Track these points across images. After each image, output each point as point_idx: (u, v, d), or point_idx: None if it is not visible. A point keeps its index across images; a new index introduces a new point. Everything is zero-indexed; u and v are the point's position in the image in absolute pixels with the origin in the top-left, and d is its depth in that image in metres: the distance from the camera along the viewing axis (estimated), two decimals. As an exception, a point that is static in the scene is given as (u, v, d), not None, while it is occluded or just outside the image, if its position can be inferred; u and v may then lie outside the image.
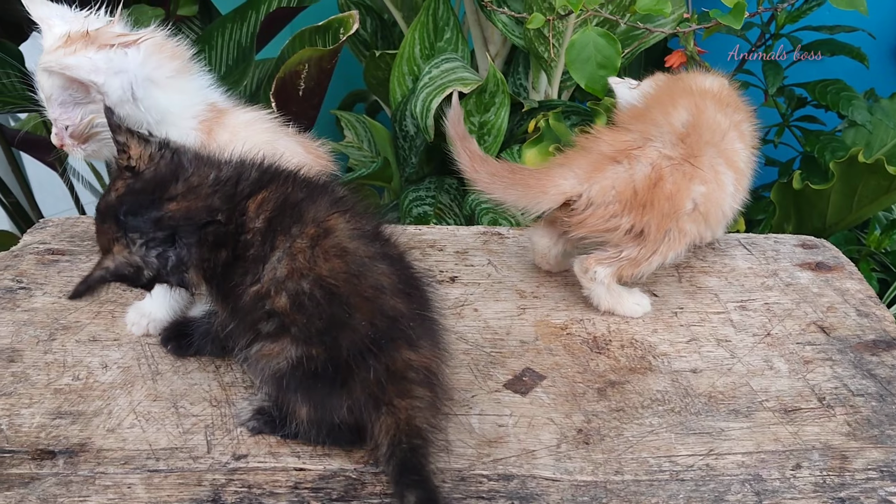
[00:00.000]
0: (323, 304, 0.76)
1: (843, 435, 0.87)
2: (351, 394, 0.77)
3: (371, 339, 0.76)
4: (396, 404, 0.77)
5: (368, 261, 0.79)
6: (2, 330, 0.99)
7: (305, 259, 0.77)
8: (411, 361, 0.78)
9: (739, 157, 1.07)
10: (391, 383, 0.77)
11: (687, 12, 1.60)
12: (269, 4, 1.74)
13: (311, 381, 0.78)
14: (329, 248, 0.77)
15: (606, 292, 1.04)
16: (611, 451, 0.84)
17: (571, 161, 1.03)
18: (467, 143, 1.04)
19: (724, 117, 1.06)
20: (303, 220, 0.79)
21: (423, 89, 1.61)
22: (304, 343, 0.77)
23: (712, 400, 0.92)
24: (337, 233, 0.79)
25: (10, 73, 1.59)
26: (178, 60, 0.97)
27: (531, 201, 1.01)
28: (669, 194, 0.99)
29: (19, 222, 2.01)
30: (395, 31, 2.01)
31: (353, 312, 0.76)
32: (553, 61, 1.66)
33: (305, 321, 0.76)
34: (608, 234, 1.01)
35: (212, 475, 0.80)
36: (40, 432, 0.85)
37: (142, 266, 0.79)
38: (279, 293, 0.77)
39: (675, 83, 1.10)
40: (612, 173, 1.00)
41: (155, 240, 0.79)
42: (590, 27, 1.29)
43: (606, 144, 1.02)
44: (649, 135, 1.02)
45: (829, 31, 1.73)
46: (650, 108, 1.06)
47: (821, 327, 1.05)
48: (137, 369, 0.94)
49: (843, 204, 1.56)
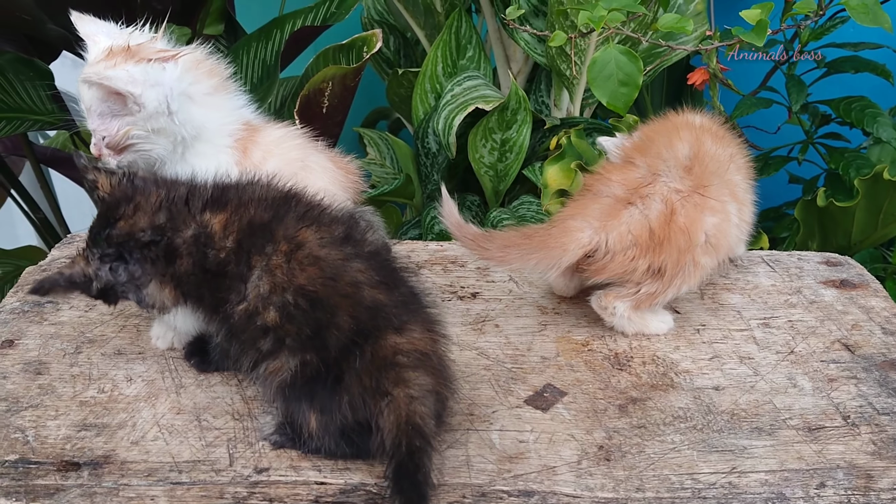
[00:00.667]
0: (308, 311, 0.80)
1: (868, 454, 0.86)
2: (348, 389, 0.79)
3: (354, 331, 0.80)
4: (395, 395, 0.78)
5: (342, 262, 0.83)
6: (29, 343, 1.01)
7: (283, 273, 0.81)
8: (399, 346, 0.80)
9: (739, 187, 1.07)
10: (383, 370, 0.79)
11: (709, 30, 1.61)
12: (293, 23, 1.77)
13: (311, 385, 0.81)
14: (303, 259, 0.82)
15: (629, 322, 1.04)
16: (632, 468, 0.84)
17: (584, 209, 1.01)
18: (464, 230, 1.02)
19: (722, 149, 1.06)
20: (274, 239, 0.83)
21: (445, 107, 1.62)
22: (300, 350, 0.80)
23: (735, 417, 0.91)
24: (307, 244, 0.83)
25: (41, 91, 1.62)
26: (215, 78, 0.99)
27: (553, 262, 0.99)
28: (683, 227, 0.99)
29: (47, 238, 2.04)
30: (418, 50, 2.03)
31: (335, 312, 0.80)
32: (575, 79, 1.66)
33: (296, 330, 0.80)
34: (628, 276, 1.00)
35: (233, 488, 0.81)
36: (66, 444, 0.86)
37: (91, 278, 0.87)
38: (267, 308, 0.81)
39: (669, 120, 1.10)
40: (628, 217, 0.99)
41: (108, 255, 0.86)
42: (612, 45, 1.29)
43: (617, 186, 1.01)
44: (657, 169, 1.01)
45: (854, 48, 1.72)
46: (652, 142, 1.05)
47: (845, 345, 1.04)
48: (161, 382, 0.95)
49: (868, 221, 1.55)
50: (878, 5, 1.34)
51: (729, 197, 1.04)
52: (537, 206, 1.62)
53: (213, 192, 0.88)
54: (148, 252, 0.85)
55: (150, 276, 0.86)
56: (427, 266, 1.20)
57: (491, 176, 1.71)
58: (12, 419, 0.89)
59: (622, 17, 1.29)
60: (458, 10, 1.77)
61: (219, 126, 0.99)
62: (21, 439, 0.86)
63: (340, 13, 1.75)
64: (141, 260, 0.86)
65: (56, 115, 1.65)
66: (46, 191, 2.06)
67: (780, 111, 1.74)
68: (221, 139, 0.99)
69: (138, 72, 0.93)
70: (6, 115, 1.58)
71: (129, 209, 0.86)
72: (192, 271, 0.85)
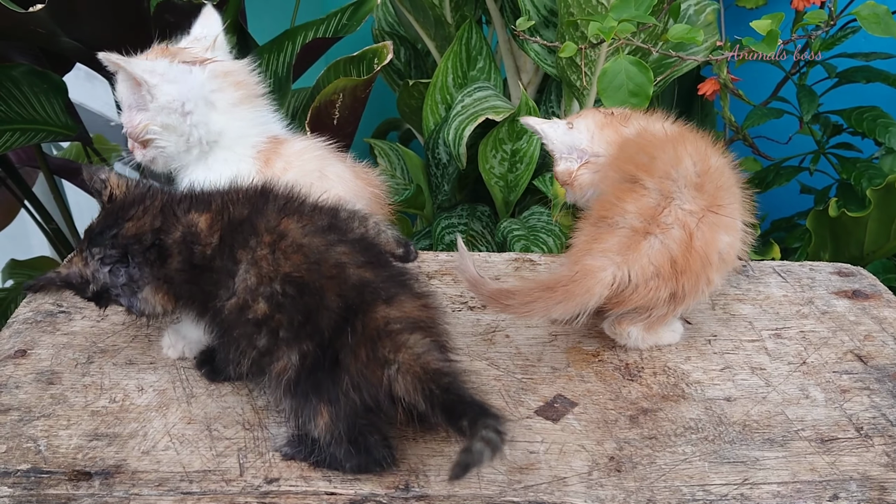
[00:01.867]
0: (296, 297, 0.81)
1: (881, 466, 0.86)
2: (346, 368, 0.79)
3: (343, 308, 0.80)
4: (401, 360, 0.78)
5: (325, 248, 0.83)
6: (42, 353, 1.02)
7: (269, 264, 0.82)
8: (390, 315, 0.80)
9: (738, 199, 1.03)
10: (377, 341, 0.79)
11: (720, 40, 1.60)
12: (305, 35, 1.77)
13: (314, 376, 0.81)
14: (286, 249, 0.83)
15: (644, 341, 1.03)
16: (643, 480, 0.84)
17: (600, 243, 0.97)
18: (482, 287, 0.97)
19: (723, 159, 1.03)
20: (257, 232, 0.84)
21: (455, 118, 1.62)
22: (296, 342, 0.81)
23: (747, 428, 0.91)
24: (290, 234, 0.84)
25: (55, 102, 1.63)
26: (242, 90, 1.01)
27: (580, 308, 0.96)
28: (699, 250, 0.97)
29: (60, 248, 2.05)
30: (429, 61, 2.04)
31: (322, 294, 0.81)
32: (585, 89, 1.66)
33: (288, 319, 0.81)
34: (650, 304, 0.98)
35: (244, 498, 0.81)
36: (77, 453, 0.86)
37: (89, 280, 0.88)
38: (256, 300, 0.82)
39: (658, 130, 1.06)
40: (648, 248, 0.96)
41: (110, 257, 0.87)
42: (622, 55, 1.29)
43: (633, 217, 0.97)
44: (668, 191, 0.98)
45: (865, 58, 1.72)
46: (656, 159, 1.00)
47: (858, 356, 1.03)
48: (172, 392, 0.95)
49: (881, 232, 1.54)
50: (889, 15, 1.34)
51: (737, 213, 1.01)
52: (547, 217, 1.62)
53: (199, 196, 0.90)
54: (148, 255, 0.87)
55: (147, 280, 0.88)
56: (437, 276, 1.20)
57: (501, 186, 1.71)
58: (24, 428, 0.89)
59: (632, 28, 1.29)
60: (469, 21, 1.78)
61: (239, 136, 1.01)
62: (33, 449, 0.86)
63: (352, 25, 1.76)
64: (142, 263, 0.87)
65: (69, 127, 1.66)
66: (59, 202, 2.07)
67: (791, 121, 1.73)
68: (243, 149, 1.01)
69: (161, 65, 0.96)
70: (20, 126, 1.60)
71: (139, 211, 0.88)
72: (181, 268, 0.87)
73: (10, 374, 0.97)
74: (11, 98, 1.57)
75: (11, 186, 1.91)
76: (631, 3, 1.30)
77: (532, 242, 1.54)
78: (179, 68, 0.97)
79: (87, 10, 1.40)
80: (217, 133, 1.00)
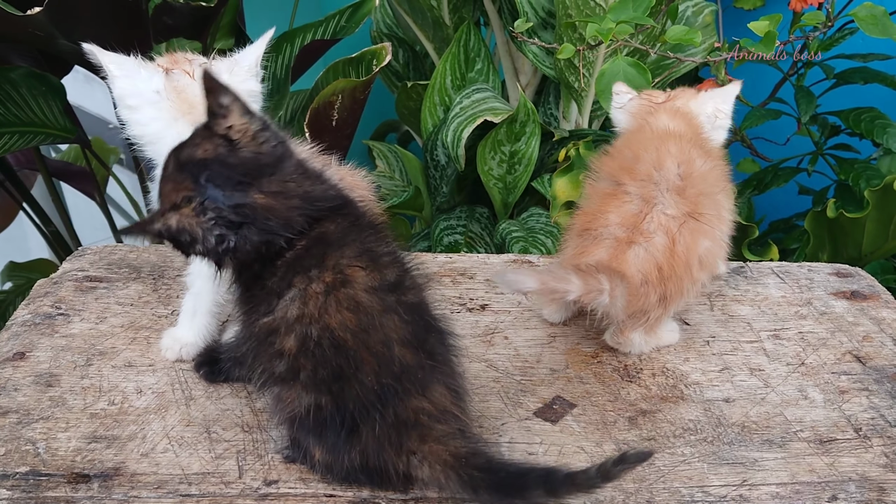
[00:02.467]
0: (329, 355, 0.76)
1: (880, 466, 0.86)
2: (364, 444, 0.77)
3: (376, 395, 0.76)
4: (426, 450, 0.76)
5: (380, 314, 0.77)
6: (41, 355, 1.01)
7: (317, 306, 0.76)
8: (422, 408, 0.78)
9: (724, 208, 1.04)
10: (406, 431, 0.77)
11: (718, 41, 1.61)
12: (303, 37, 1.78)
13: (322, 427, 0.78)
14: (343, 300, 0.76)
15: (646, 344, 1.04)
16: (642, 481, 0.84)
17: (588, 256, 0.98)
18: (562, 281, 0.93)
19: (709, 164, 1.02)
20: (324, 264, 0.77)
21: (454, 119, 1.62)
22: (314, 390, 0.77)
23: (745, 430, 0.91)
24: (354, 284, 0.77)
25: (53, 105, 1.63)
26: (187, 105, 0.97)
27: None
28: (681, 255, 0.97)
29: (58, 250, 2.05)
30: (427, 63, 2.04)
31: (359, 366, 0.76)
32: (583, 91, 1.67)
33: (312, 368, 0.77)
34: (643, 308, 0.99)
35: (243, 500, 0.81)
36: (76, 456, 0.86)
37: (198, 239, 0.76)
38: (289, 334, 0.77)
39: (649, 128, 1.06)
40: (634, 258, 0.97)
41: (225, 220, 0.75)
42: (620, 57, 1.29)
43: (617, 227, 0.98)
44: (650, 196, 0.98)
45: (863, 59, 1.72)
46: (639, 160, 1.01)
47: (856, 357, 1.03)
48: (171, 394, 0.95)
49: (879, 232, 1.54)
50: (886, 16, 1.34)
51: (716, 221, 1.01)
52: (546, 219, 1.62)
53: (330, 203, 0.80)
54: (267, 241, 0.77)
55: (243, 255, 0.77)
56: (436, 278, 1.20)
57: (500, 188, 1.71)
58: (23, 431, 0.89)
59: (630, 30, 1.30)
60: (467, 23, 1.78)
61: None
62: (32, 451, 0.86)
63: (350, 27, 1.76)
64: (254, 243, 0.77)
65: (68, 129, 1.66)
66: (58, 204, 2.07)
67: (789, 122, 1.73)
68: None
69: (128, 61, 0.97)
70: (19, 129, 1.60)
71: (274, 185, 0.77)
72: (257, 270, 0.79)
73: (9, 376, 0.97)
74: (10, 100, 1.57)
75: (10, 189, 1.91)
76: (629, 4, 1.30)
77: (531, 244, 1.54)
78: (138, 66, 0.97)
79: (86, 12, 1.41)
80: (154, 136, 0.98)
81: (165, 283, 1.16)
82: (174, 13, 1.50)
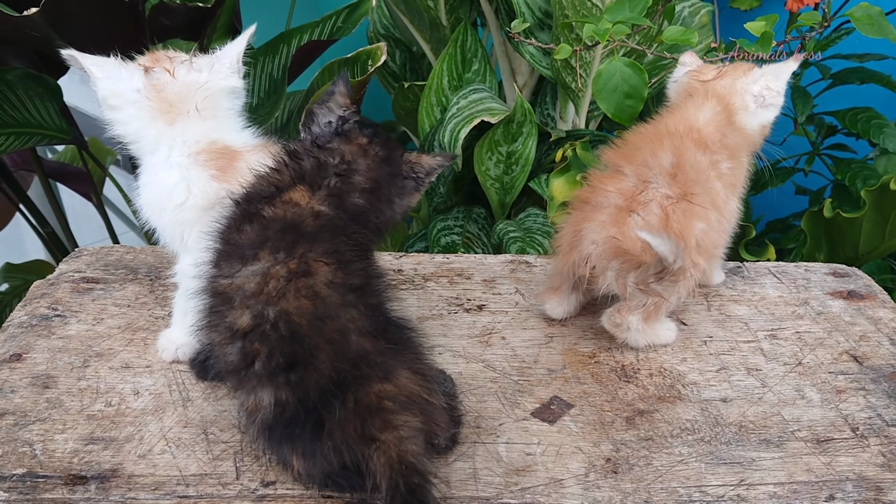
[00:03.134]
0: (285, 340, 0.77)
1: (877, 466, 0.86)
2: (331, 436, 0.76)
3: (335, 381, 0.76)
4: (384, 439, 0.75)
5: (337, 307, 0.78)
6: (37, 356, 1.01)
7: (276, 288, 0.78)
8: (385, 392, 0.77)
9: (719, 196, 1.05)
10: (367, 417, 0.76)
11: (714, 42, 1.61)
12: (300, 38, 1.77)
13: (291, 429, 0.78)
14: (302, 288, 0.78)
15: (642, 334, 1.03)
16: (640, 481, 0.84)
17: (591, 221, 1.01)
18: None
19: (704, 157, 1.05)
20: (292, 252, 0.80)
21: (451, 120, 1.62)
22: (271, 384, 0.77)
23: (743, 429, 0.91)
24: (316, 276, 0.79)
25: (49, 106, 1.62)
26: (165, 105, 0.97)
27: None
28: (678, 231, 0.99)
29: (55, 252, 2.05)
30: (424, 63, 2.04)
31: (314, 353, 0.76)
32: (580, 91, 1.67)
33: (267, 354, 0.77)
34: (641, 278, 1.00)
35: (240, 502, 0.81)
36: (73, 457, 0.86)
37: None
38: (243, 308, 0.78)
39: (654, 127, 1.09)
40: (634, 224, 0.99)
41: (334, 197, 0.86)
42: (617, 57, 1.29)
43: (615, 195, 1.02)
44: (646, 177, 1.02)
45: (859, 60, 1.72)
46: (638, 150, 1.05)
47: (853, 356, 1.03)
48: (168, 396, 0.95)
49: (876, 232, 1.55)
50: (883, 17, 1.34)
51: (710, 205, 1.03)
52: (543, 219, 1.63)
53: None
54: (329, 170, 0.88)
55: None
56: (433, 279, 1.20)
57: (497, 188, 1.71)
58: (20, 433, 0.89)
59: (627, 30, 1.30)
60: (464, 23, 1.78)
61: (158, 143, 0.98)
62: (29, 453, 0.86)
63: (347, 27, 1.76)
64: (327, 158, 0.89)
65: (64, 130, 1.66)
66: (54, 205, 2.07)
67: (786, 122, 1.73)
68: (177, 157, 0.98)
69: (109, 62, 0.97)
70: (15, 130, 1.59)
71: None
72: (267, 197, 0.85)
73: (6, 378, 0.97)
74: (6, 101, 1.57)
75: (6, 190, 1.91)
76: (625, 4, 1.31)
77: (528, 244, 1.54)
78: (119, 66, 0.97)
79: (82, 13, 1.40)
80: (135, 134, 0.99)
81: (162, 284, 1.16)
82: (171, 14, 1.49)
